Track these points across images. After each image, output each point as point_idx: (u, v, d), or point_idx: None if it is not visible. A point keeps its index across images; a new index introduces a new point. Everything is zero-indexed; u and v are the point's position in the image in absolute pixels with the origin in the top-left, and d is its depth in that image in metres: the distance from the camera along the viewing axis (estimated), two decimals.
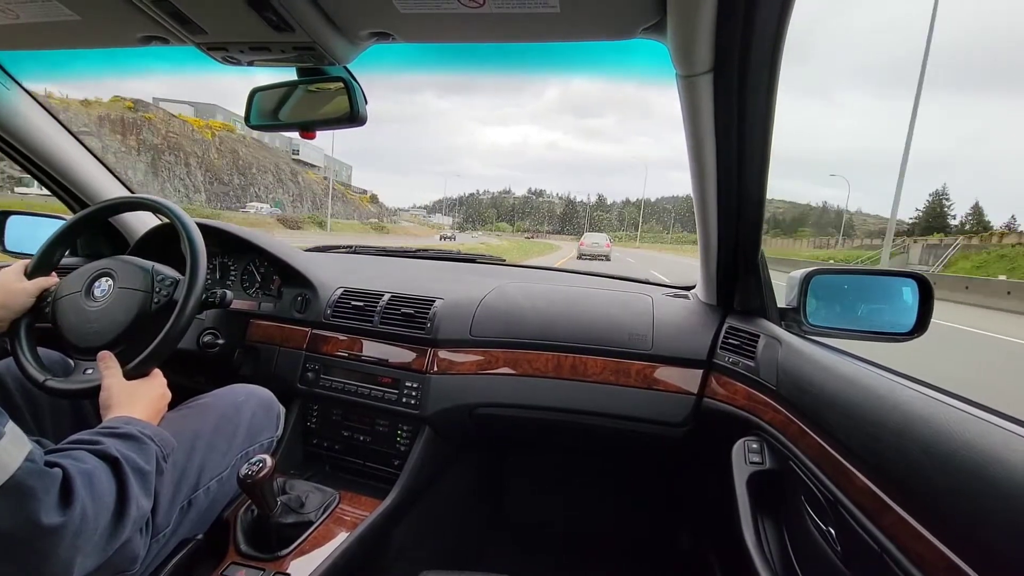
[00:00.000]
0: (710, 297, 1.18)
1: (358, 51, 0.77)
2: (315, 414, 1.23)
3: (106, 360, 0.79)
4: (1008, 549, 0.39)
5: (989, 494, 0.41)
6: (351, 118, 0.83)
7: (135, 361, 0.80)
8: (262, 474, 0.81)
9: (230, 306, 0.96)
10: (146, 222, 1.45)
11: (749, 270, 1.05)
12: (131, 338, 0.84)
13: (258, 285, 1.36)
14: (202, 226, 1.01)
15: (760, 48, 0.64)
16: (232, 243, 1.34)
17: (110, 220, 1.38)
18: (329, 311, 1.23)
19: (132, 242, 1.39)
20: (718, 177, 0.87)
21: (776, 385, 0.85)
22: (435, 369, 1.15)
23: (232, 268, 1.38)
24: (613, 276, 1.54)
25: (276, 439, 1.01)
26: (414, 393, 1.13)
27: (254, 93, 0.89)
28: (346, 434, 1.20)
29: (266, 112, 0.89)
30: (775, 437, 0.82)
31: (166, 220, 1.07)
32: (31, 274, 0.90)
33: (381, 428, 1.18)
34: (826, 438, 0.66)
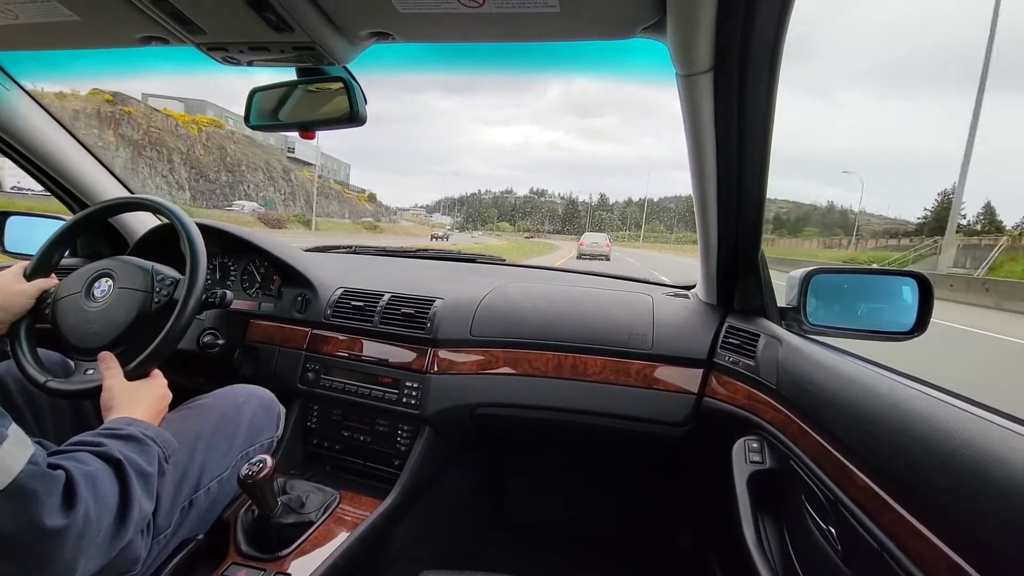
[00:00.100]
0: (710, 296, 1.18)
1: (358, 51, 0.77)
2: (315, 414, 1.23)
3: (107, 361, 0.79)
4: (1008, 547, 0.39)
5: (989, 492, 0.41)
6: (351, 118, 0.83)
7: (135, 361, 0.80)
8: (262, 474, 0.81)
9: (230, 306, 0.96)
10: (145, 222, 1.45)
11: (749, 269, 1.05)
12: (131, 338, 0.84)
13: (258, 285, 1.36)
14: (202, 226, 1.01)
15: (760, 47, 0.64)
16: (232, 243, 1.34)
17: (110, 220, 1.38)
18: (329, 311, 1.23)
19: (132, 243, 1.39)
20: (718, 176, 0.87)
21: (776, 384, 0.85)
22: (435, 369, 1.15)
23: (232, 268, 1.38)
24: (613, 276, 1.54)
25: (276, 439, 1.01)
26: (414, 393, 1.13)
27: (254, 93, 0.88)
28: (346, 434, 1.20)
29: (266, 112, 0.89)
30: (775, 436, 0.82)
31: (166, 220, 1.07)
32: (30, 275, 0.89)
33: (381, 428, 1.18)
34: (826, 437, 0.66)
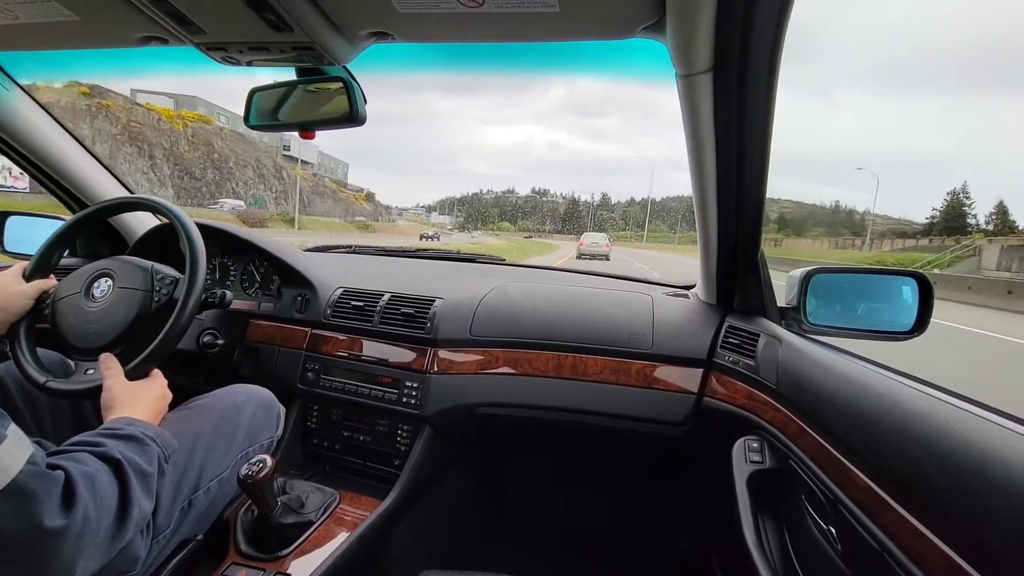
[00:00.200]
0: (710, 296, 1.18)
1: (357, 51, 0.77)
2: (315, 414, 1.23)
3: (107, 361, 0.79)
4: (1008, 547, 0.39)
5: (989, 492, 0.41)
6: (350, 118, 0.83)
7: (135, 361, 0.80)
8: (262, 474, 0.81)
9: (230, 306, 0.96)
10: (145, 222, 1.45)
11: (749, 269, 1.05)
12: (131, 338, 0.84)
13: (258, 285, 1.36)
14: (202, 226, 1.01)
15: (759, 47, 0.64)
16: (232, 243, 1.34)
17: (109, 221, 1.38)
18: (329, 311, 1.23)
19: (131, 243, 1.39)
20: (718, 176, 0.87)
21: (776, 384, 0.85)
22: (435, 369, 1.15)
23: (232, 268, 1.38)
24: (613, 276, 1.54)
25: (276, 439, 1.01)
26: (414, 393, 1.13)
27: (253, 93, 0.88)
28: (346, 434, 1.20)
29: (265, 112, 0.89)
30: (775, 436, 0.82)
31: (165, 220, 1.07)
32: (30, 276, 0.89)
33: (381, 428, 1.18)
34: (826, 437, 0.66)
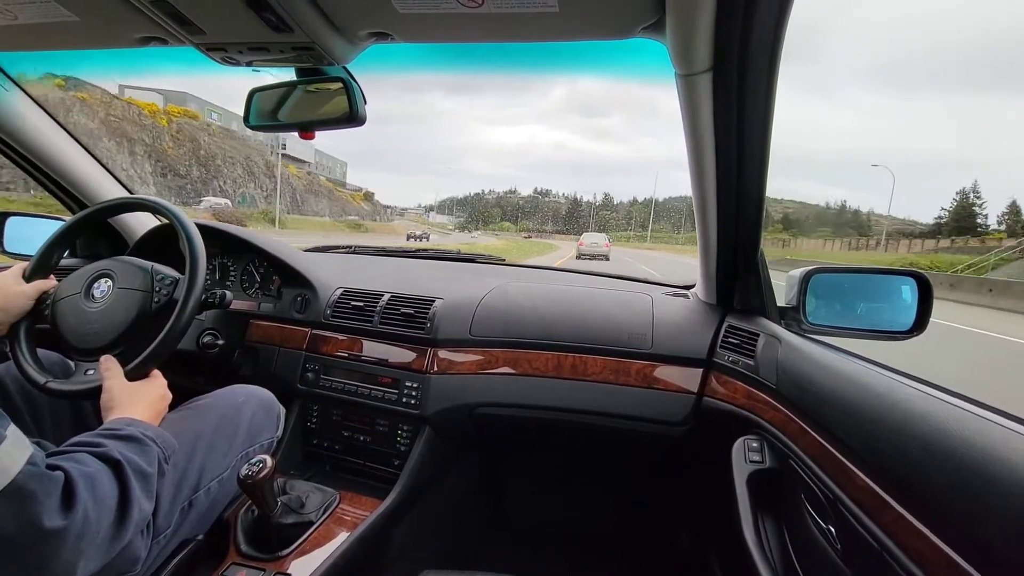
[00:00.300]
0: (710, 296, 1.18)
1: (357, 51, 0.77)
2: (315, 414, 1.23)
3: (107, 362, 0.79)
4: (1007, 546, 0.39)
5: (988, 491, 0.41)
6: (350, 118, 0.83)
7: (135, 362, 0.80)
8: (262, 474, 0.81)
9: (230, 306, 0.96)
10: (145, 223, 1.45)
11: (749, 269, 1.05)
12: (131, 339, 0.84)
13: (258, 285, 1.36)
14: (201, 226, 1.01)
15: (759, 46, 0.64)
16: (232, 243, 1.34)
17: (109, 221, 1.38)
18: (329, 311, 1.23)
19: (131, 243, 1.39)
20: (717, 176, 0.87)
21: (776, 384, 0.85)
22: (435, 369, 1.15)
23: (232, 268, 1.38)
24: (613, 276, 1.54)
25: (276, 439, 1.01)
26: (414, 393, 1.13)
27: (253, 93, 0.88)
28: (346, 434, 1.20)
29: (265, 112, 0.89)
30: (775, 436, 0.82)
31: (165, 221, 1.07)
32: (29, 276, 0.89)
33: (381, 428, 1.18)
34: (826, 436, 0.66)
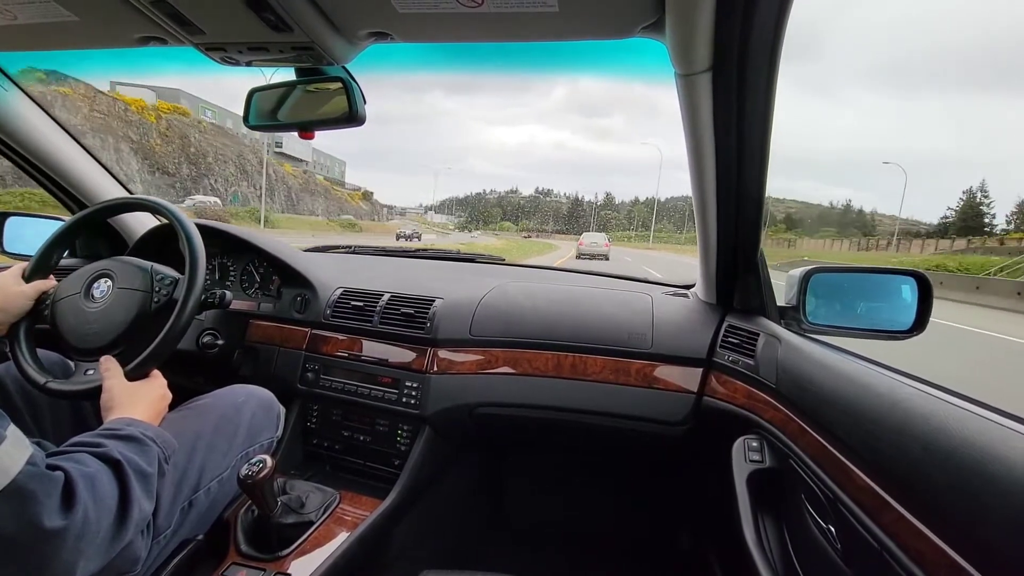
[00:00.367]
0: (710, 296, 1.18)
1: (357, 51, 0.77)
2: (315, 414, 1.23)
3: (107, 362, 0.79)
4: (1008, 546, 0.39)
5: (989, 491, 0.41)
6: (350, 118, 0.83)
7: (135, 362, 0.80)
8: (262, 474, 0.81)
9: (230, 306, 0.96)
10: (145, 223, 1.45)
11: (749, 269, 1.05)
12: (131, 339, 0.84)
13: (257, 285, 1.36)
14: (201, 226, 1.01)
15: (759, 46, 0.64)
16: (231, 243, 1.34)
17: (109, 221, 1.38)
18: (329, 311, 1.23)
19: (131, 243, 1.39)
20: (717, 176, 0.87)
21: (776, 383, 0.85)
22: (435, 369, 1.15)
23: (231, 268, 1.38)
24: (613, 275, 1.54)
25: (276, 439, 1.01)
26: (414, 393, 1.13)
27: (252, 93, 0.88)
28: (346, 434, 1.20)
29: (264, 112, 0.89)
30: (775, 435, 0.82)
31: (165, 221, 1.07)
32: (29, 276, 0.89)
33: (381, 428, 1.18)
34: (826, 436, 0.66)
